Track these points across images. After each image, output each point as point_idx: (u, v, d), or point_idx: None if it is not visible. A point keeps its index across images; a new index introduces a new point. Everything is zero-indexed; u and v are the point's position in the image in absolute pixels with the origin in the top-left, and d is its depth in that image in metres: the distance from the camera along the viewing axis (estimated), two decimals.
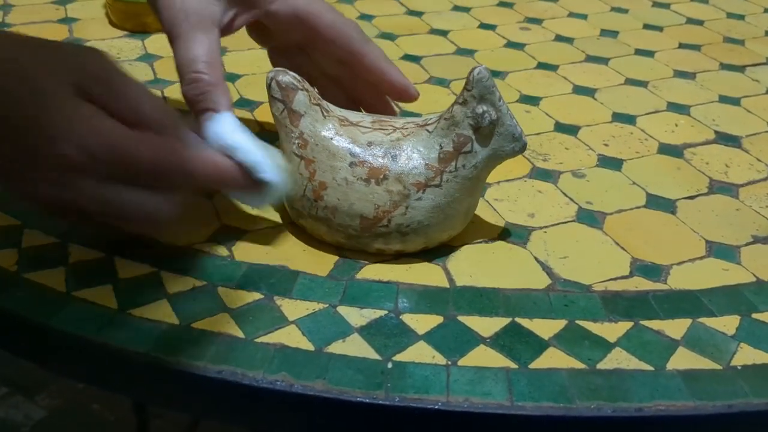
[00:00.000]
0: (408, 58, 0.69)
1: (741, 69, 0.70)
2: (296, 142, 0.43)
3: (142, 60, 0.65)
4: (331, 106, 0.45)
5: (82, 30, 0.70)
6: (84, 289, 0.40)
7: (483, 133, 0.42)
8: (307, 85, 0.44)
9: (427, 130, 0.43)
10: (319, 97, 0.44)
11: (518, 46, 0.73)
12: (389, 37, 0.73)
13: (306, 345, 0.38)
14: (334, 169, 0.42)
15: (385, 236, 0.43)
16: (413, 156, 0.42)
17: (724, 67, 0.71)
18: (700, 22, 0.80)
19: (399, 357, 0.37)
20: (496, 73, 0.67)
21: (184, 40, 0.44)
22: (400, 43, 0.72)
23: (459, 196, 0.43)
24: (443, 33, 0.74)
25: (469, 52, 0.71)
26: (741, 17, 0.82)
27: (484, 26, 0.77)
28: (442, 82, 0.65)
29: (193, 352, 0.37)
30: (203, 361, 0.36)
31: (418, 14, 0.78)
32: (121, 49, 0.67)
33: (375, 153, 0.42)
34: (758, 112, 0.63)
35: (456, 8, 0.81)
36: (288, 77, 0.43)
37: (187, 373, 0.36)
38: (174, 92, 0.60)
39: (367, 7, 0.79)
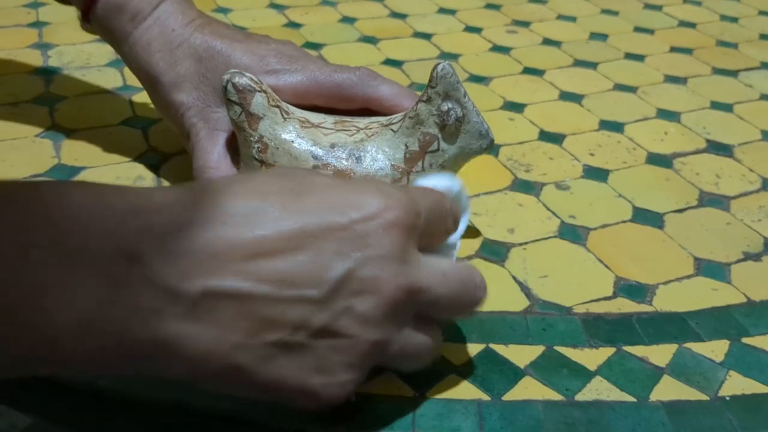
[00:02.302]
0: (390, 62, 0.66)
1: (734, 74, 0.68)
2: (256, 146, 0.41)
3: (112, 66, 0.63)
4: (291, 107, 0.42)
5: (53, 34, 0.68)
6: None
7: (449, 131, 0.40)
8: (264, 86, 0.42)
9: (392, 130, 0.41)
10: (278, 98, 0.42)
11: (504, 50, 0.70)
12: (371, 41, 0.70)
13: None
14: None
15: None
16: (378, 157, 0.40)
17: (717, 71, 0.68)
18: (692, 25, 0.78)
19: (364, 389, 0.35)
20: (480, 79, 0.64)
21: (198, 150, 0.44)
22: (382, 47, 0.69)
23: None
24: (427, 36, 0.72)
25: (453, 57, 0.68)
26: (734, 20, 0.80)
27: (469, 29, 0.74)
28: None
29: (137, 382, 0.34)
30: (155, 394, 0.34)
31: (402, 17, 0.76)
32: (91, 54, 0.65)
33: (338, 155, 0.40)
34: (751, 119, 0.61)
35: (441, 10, 0.78)
36: (245, 79, 0.41)
37: (128, 404, 0.34)
38: (142, 98, 0.57)
39: (350, 9, 0.77)
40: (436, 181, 0.35)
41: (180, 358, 0.26)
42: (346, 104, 0.43)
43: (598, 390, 0.36)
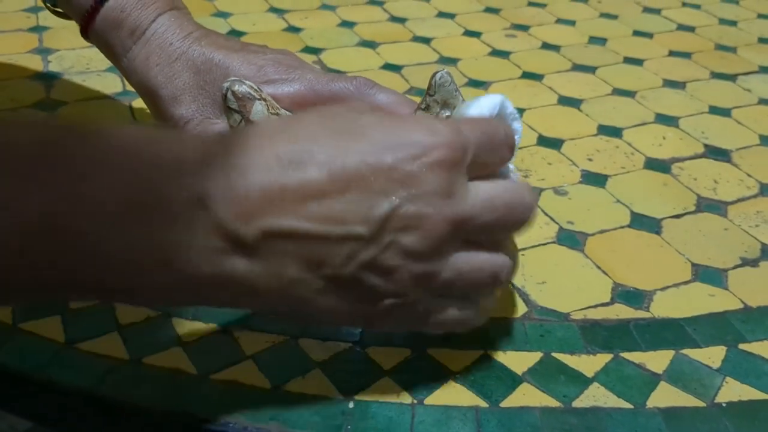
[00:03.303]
0: (389, 67, 0.67)
1: (732, 78, 0.68)
2: None
3: (112, 71, 0.63)
4: (291, 115, 0.43)
5: (53, 39, 0.68)
6: (31, 321, 0.38)
7: None
8: (264, 94, 0.42)
9: None
10: (278, 106, 0.42)
11: (503, 54, 0.70)
12: (370, 45, 0.70)
13: (262, 383, 0.35)
14: None
15: None
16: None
17: (715, 75, 0.68)
18: (691, 29, 0.78)
19: (362, 395, 0.35)
20: (479, 83, 0.65)
21: None
22: (382, 51, 0.69)
23: None
24: (426, 41, 0.72)
25: (452, 61, 0.68)
26: (733, 23, 0.80)
27: (468, 33, 0.74)
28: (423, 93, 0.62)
29: (141, 390, 0.35)
30: (151, 400, 0.34)
31: (402, 21, 0.76)
32: (91, 59, 0.65)
33: None
34: (749, 123, 0.61)
35: (441, 14, 0.78)
36: (244, 87, 0.41)
37: (132, 414, 0.34)
38: (142, 103, 0.57)
39: (349, 13, 0.77)
40: (482, 107, 0.36)
41: (244, 292, 0.29)
42: None
43: (596, 396, 0.36)
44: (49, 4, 0.51)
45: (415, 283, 0.31)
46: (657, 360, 0.38)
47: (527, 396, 0.36)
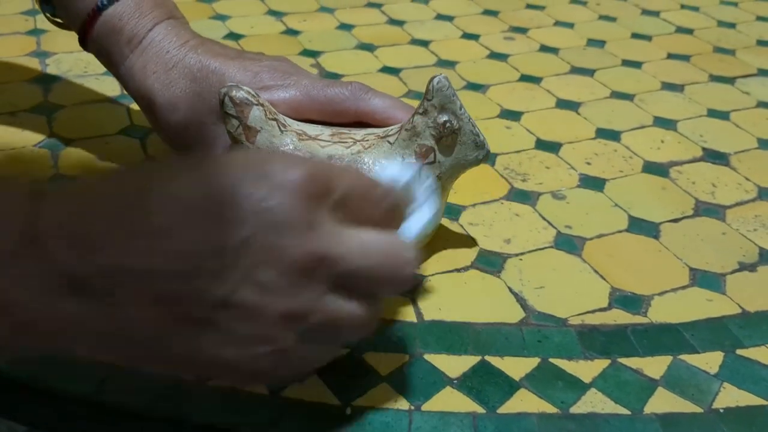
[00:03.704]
0: (387, 70, 0.67)
1: (731, 81, 0.68)
2: None
3: (110, 74, 0.63)
4: (288, 120, 0.43)
5: (51, 42, 0.68)
6: None
7: (445, 142, 0.41)
8: (262, 99, 0.42)
9: (389, 142, 0.41)
10: (275, 111, 0.42)
11: (501, 57, 0.70)
12: (369, 48, 0.70)
13: (260, 389, 0.35)
14: None
15: None
16: (375, 169, 0.41)
17: (714, 78, 0.68)
18: (689, 31, 0.78)
19: (359, 401, 0.35)
20: (477, 86, 0.65)
21: None
22: (380, 54, 0.69)
23: None
24: (424, 43, 0.72)
25: (450, 64, 0.68)
26: (732, 26, 0.80)
27: (467, 36, 0.74)
28: (421, 97, 0.62)
29: (140, 396, 0.35)
30: (149, 407, 0.34)
31: (400, 23, 0.76)
32: (89, 63, 0.65)
33: None
34: (747, 126, 0.61)
35: (439, 17, 0.78)
36: (242, 92, 0.41)
37: (130, 420, 0.34)
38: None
39: (348, 16, 0.77)
40: (396, 170, 0.35)
41: (82, 338, 0.27)
42: (339, 118, 0.44)
43: (593, 402, 0.36)
44: (48, 14, 0.51)
45: (282, 323, 0.28)
46: (654, 365, 0.38)
47: (525, 402, 0.36)
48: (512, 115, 0.60)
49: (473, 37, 0.74)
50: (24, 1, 0.75)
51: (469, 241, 0.46)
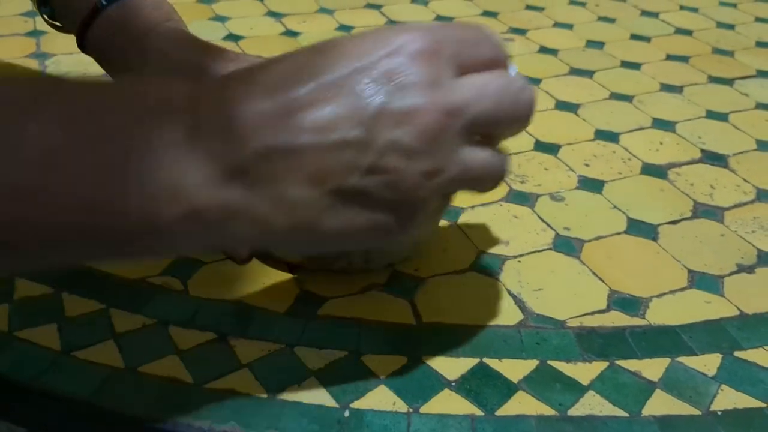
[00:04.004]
0: None
1: (730, 82, 0.68)
2: None
3: (109, 76, 0.63)
4: None
5: (50, 44, 0.68)
6: (27, 329, 0.38)
7: None
8: None
9: None
10: None
11: None
12: None
13: (258, 391, 0.35)
14: None
15: (348, 253, 0.41)
16: None
17: (713, 80, 0.68)
18: (688, 32, 0.78)
19: (357, 404, 0.35)
20: None
21: None
22: None
23: None
24: None
25: None
26: (731, 27, 0.80)
27: None
28: None
29: (137, 399, 0.35)
30: (147, 409, 0.34)
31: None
32: (88, 64, 0.64)
33: None
34: (746, 128, 0.61)
35: (439, 18, 0.78)
36: None
37: (128, 422, 0.34)
38: None
39: (347, 17, 0.77)
40: None
41: (246, 222, 0.28)
42: None
43: (591, 405, 0.36)
44: (45, 16, 0.51)
45: (424, 183, 0.29)
46: (652, 368, 0.38)
47: (523, 404, 0.36)
48: None
49: None
50: (23, 3, 0.75)
51: (467, 243, 0.46)
